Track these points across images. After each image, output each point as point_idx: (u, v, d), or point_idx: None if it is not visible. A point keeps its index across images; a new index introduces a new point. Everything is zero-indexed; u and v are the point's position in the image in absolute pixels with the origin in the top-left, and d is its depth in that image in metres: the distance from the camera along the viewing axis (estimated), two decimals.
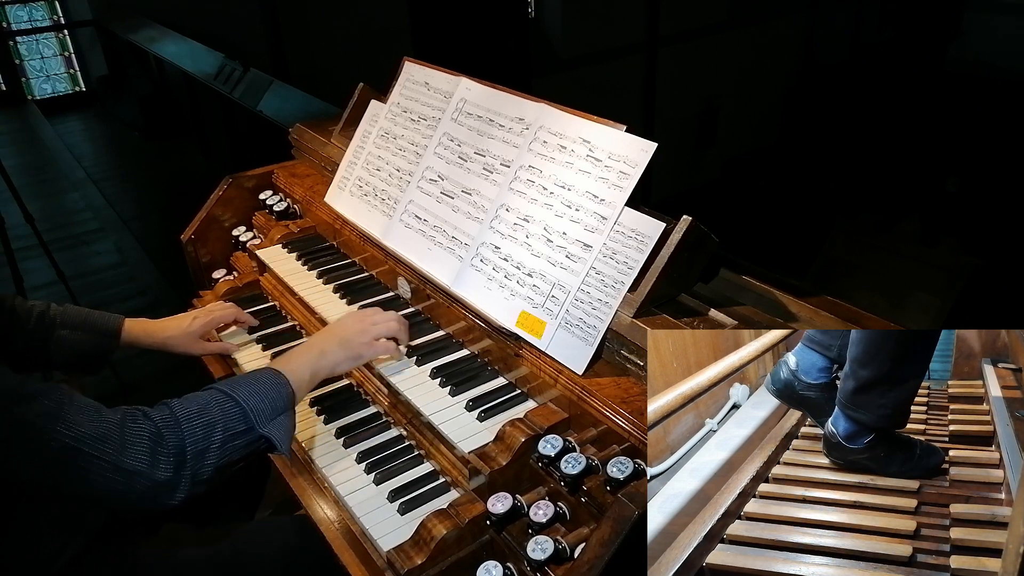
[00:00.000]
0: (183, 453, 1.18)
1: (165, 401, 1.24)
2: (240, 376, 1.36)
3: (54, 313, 1.69)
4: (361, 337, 1.51)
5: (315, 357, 1.45)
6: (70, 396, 1.15)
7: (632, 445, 1.24)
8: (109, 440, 1.12)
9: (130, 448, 1.14)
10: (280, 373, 1.37)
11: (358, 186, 1.95)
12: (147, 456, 1.15)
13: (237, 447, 1.26)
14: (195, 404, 1.24)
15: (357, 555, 1.34)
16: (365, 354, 1.52)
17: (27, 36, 7.88)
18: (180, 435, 1.19)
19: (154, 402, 1.25)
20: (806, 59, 10.89)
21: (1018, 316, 6.12)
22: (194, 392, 1.28)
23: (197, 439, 1.20)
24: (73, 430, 1.11)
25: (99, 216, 5.46)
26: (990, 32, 9.58)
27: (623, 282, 1.36)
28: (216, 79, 5.26)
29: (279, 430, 1.31)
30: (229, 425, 1.24)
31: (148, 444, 1.15)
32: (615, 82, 8.70)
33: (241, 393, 1.28)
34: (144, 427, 1.17)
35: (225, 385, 1.30)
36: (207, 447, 1.21)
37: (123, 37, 7.16)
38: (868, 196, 8.22)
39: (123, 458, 1.13)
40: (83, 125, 7.77)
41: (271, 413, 1.30)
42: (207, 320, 1.81)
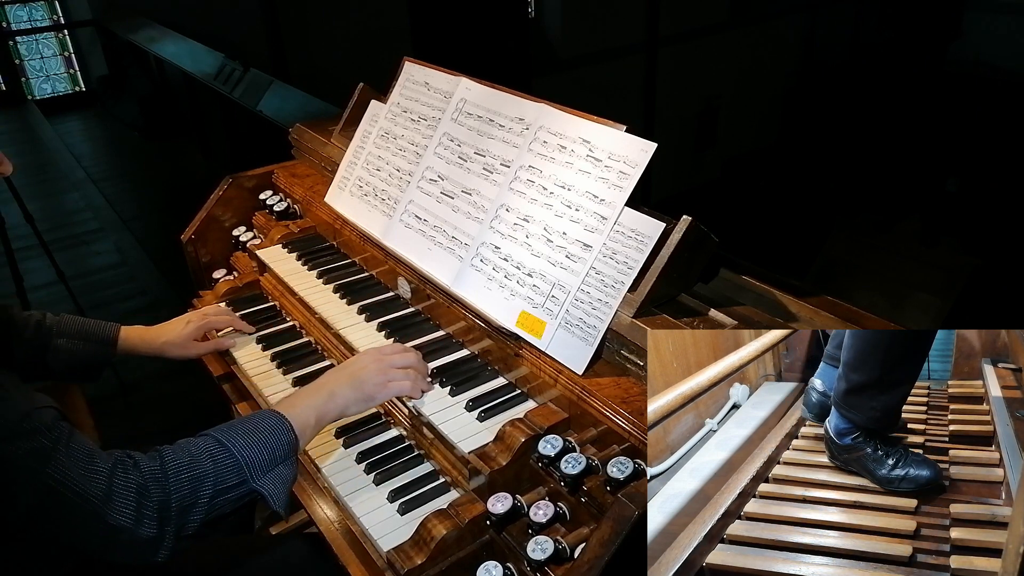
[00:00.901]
0: (168, 509, 1.12)
1: (158, 449, 1.18)
2: (239, 421, 1.28)
3: (50, 322, 1.68)
4: (376, 378, 1.42)
5: (323, 400, 1.36)
6: (68, 437, 1.10)
7: (632, 445, 1.24)
8: (95, 489, 1.07)
9: (115, 501, 1.08)
10: (283, 418, 1.29)
11: (358, 186, 1.96)
12: (132, 511, 1.09)
13: (228, 500, 1.19)
14: (186, 455, 1.17)
15: (357, 555, 1.34)
16: (377, 397, 1.42)
17: (27, 36, 7.90)
18: (167, 489, 1.12)
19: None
20: (806, 59, 10.88)
21: (1018, 316, 6.12)
22: (190, 438, 1.22)
23: (183, 495, 1.14)
24: (61, 473, 1.06)
25: (99, 216, 5.46)
26: (990, 32, 9.58)
27: (623, 282, 1.36)
28: (216, 79, 5.27)
29: (275, 483, 1.23)
30: (221, 479, 1.17)
31: (134, 498, 1.10)
32: (615, 82, 8.70)
33: (237, 443, 1.21)
34: (132, 479, 1.11)
35: (222, 433, 1.23)
36: (193, 502, 1.15)
37: (123, 37, 7.16)
38: (868, 196, 8.22)
39: (108, 511, 1.07)
40: (83, 125, 7.78)
41: (268, 464, 1.23)
42: (201, 324, 1.81)
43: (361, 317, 1.76)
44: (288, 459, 1.27)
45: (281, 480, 1.25)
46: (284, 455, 1.26)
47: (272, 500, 1.23)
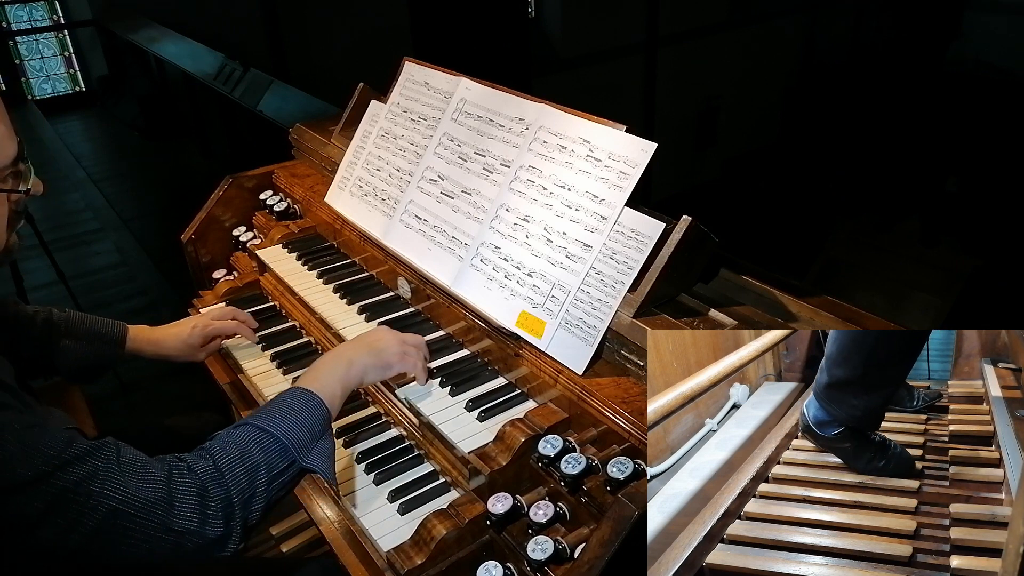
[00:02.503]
0: (231, 505, 1.12)
1: (204, 447, 1.18)
2: (271, 405, 1.28)
3: (58, 320, 1.67)
4: (395, 347, 1.45)
5: (343, 368, 1.38)
6: (117, 451, 1.09)
7: (632, 445, 1.24)
8: (157, 499, 1.06)
9: (178, 507, 1.07)
10: (312, 394, 1.30)
11: (358, 186, 1.96)
12: (196, 514, 1.08)
13: (283, 484, 1.21)
14: (235, 447, 1.17)
15: (357, 555, 1.34)
16: (395, 366, 1.45)
17: (27, 36, 7.89)
18: (225, 486, 1.12)
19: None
20: (806, 59, 10.89)
21: (1018, 316, 6.12)
22: (228, 430, 1.22)
23: (243, 487, 1.14)
24: (120, 491, 1.04)
25: (99, 216, 5.46)
26: (990, 32, 9.57)
27: (623, 282, 1.36)
28: (216, 79, 5.27)
29: (321, 458, 1.25)
30: (272, 464, 1.18)
31: (196, 501, 1.09)
32: (615, 82, 8.70)
33: (278, 426, 1.21)
34: (191, 482, 1.10)
35: (260, 420, 1.23)
36: (253, 493, 1.15)
37: (123, 37, 7.16)
38: (868, 196, 8.21)
39: (172, 518, 1.07)
40: (83, 125, 7.78)
41: (311, 441, 1.24)
42: (207, 329, 1.80)
43: (361, 317, 1.76)
44: (326, 432, 1.29)
45: (326, 454, 1.27)
46: (322, 430, 1.28)
47: (324, 474, 1.25)
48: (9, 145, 1.19)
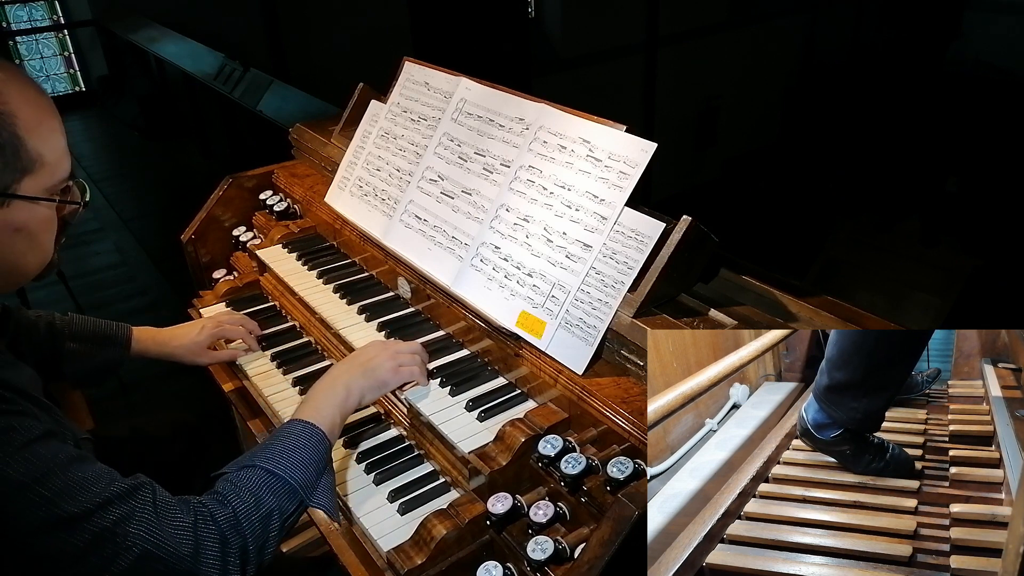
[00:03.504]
0: (247, 552, 1.15)
1: (219, 492, 1.18)
2: (277, 440, 1.28)
3: (61, 324, 1.66)
4: (387, 363, 1.45)
5: (342, 396, 1.39)
6: (152, 493, 1.10)
7: (632, 445, 1.24)
8: (186, 547, 1.08)
9: (204, 555, 1.09)
10: (315, 428, 1.30)
11: (358, 186, 1.96)
12: (219, 562, 1.11)
13: (291, 523, 1.24)
14: (250, 495, 1.18)
15: (357, 555, 1.33)
16: (391, 382, 1.46)
17: (27, 36, 7.89)
18: (243, 534, 1.14)
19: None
20: (806, 59, 10.88)
21: (1018, 316, 6.12)
22: (238, 472, 1.22)
23: (257, 535, 1.16)
24: (154, 535, 1.05)
25: (99, 216, 5.46)
26: (990, 32, 9.58)
27: (623, 282, 1.36)
28: (216, 79, 5.27)
29: (326, 496, 1.28)
30: (283, 509, 1.20)
31: (219, 549, 1.11)
32: (615, 82, 8.70)
33: (286, 468, 1.22)
34: (214, 531, 1.12)
35: (268, 461, 1.23)
36: (266, 539, 1.18)
37: (123, 37, 7.16)
38: (868, 196, 8.21)
39: (199, 566, 1.08)
40: (83, 125, 7.77)
41: (316, 478, 1.26)
42: (214, 332, 1.79)
43: (361, 317, 1.76)
44: (328, 467, 1.31)
45: (329, 490, 1.30)
46: (325, 464, 1.30)
47: (328, 513, 1.28)
48: (66, 160, 1.24)
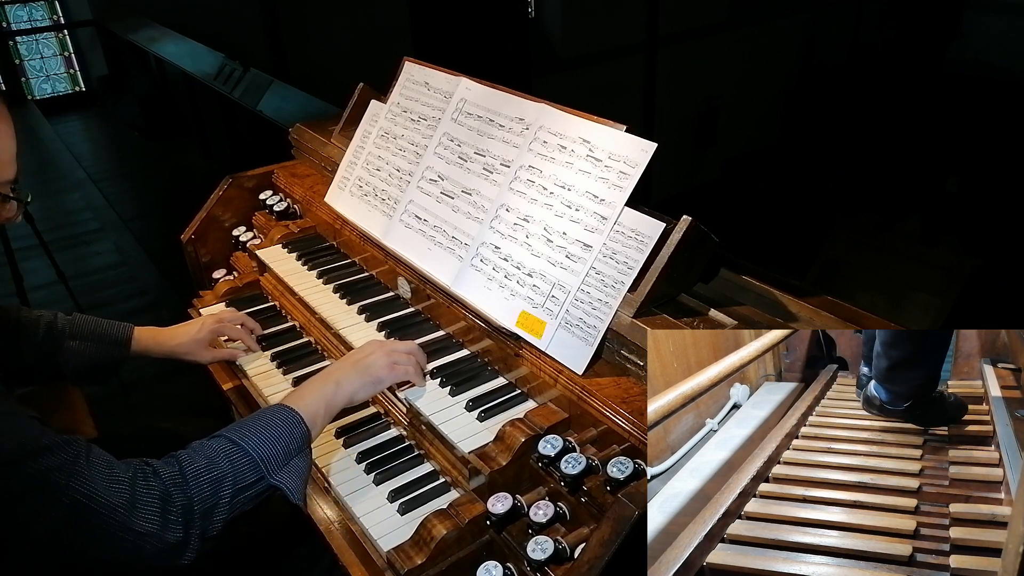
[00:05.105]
0: (192, 512, 1.14)
1: (174, 454, 1.19)
2: (251, 418, 1.29)
3: (62, 323, 1.66)
4: (382, 360, 1.45)
5: (331, 389, 1.38)
6: (87, 449, 1.11)
7: (632, 445, 1.24)
8: (120, 499, 1.08)
9: (141, 509, 1.09)
10: (294, 411, 1.30)
11: (358, 186, 1.96)
12: (158, 517, 1.10)
13: (248, 498, 1.21)
14: (203, 458, 1.18)
15: (357, 555, 1.34)
16: (385, 379, 1.46)
17: (27, 36, 7.88)
18: (188, 493, 1.14)
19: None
20: (806, 59, 10.89)
21: (1018, 316, 6.12)
22: (202, 440, 1.23)
23: (204, 496, 1.15)
24: (86, 487, 1.06)
25: (99, 216, 5.46)
26: (990, 32, 9.58)
27: (623, 282, 1.36)
28: (216, 79, 5.27)
29: (292, 477, 1.25)
30: (239, 478, 1.19)
31: (159, 504, 1.11)
32: (615, 82, 8.71)
33: (251, 440, 1.22)
34: (155, 486, 1.12)
35: (234, 432, 1.24)
36: (215, 503, 1.16)
37: (123, 37, 7.16)
38: (868, 196, 8.21)
39: (134, 519, 1.08)
40: (83, 125, 7.77)
41: (283, 459, 1.25)
42: (215, 329, 1.79)
43: (361, 317, 1.76)
44: (302, 451, 1.30)
45: (297, 473, 1.27)
46: (298, 448, 1.28)
47: (290, 494, 1.25)
48: (12, 165, 1.29)
